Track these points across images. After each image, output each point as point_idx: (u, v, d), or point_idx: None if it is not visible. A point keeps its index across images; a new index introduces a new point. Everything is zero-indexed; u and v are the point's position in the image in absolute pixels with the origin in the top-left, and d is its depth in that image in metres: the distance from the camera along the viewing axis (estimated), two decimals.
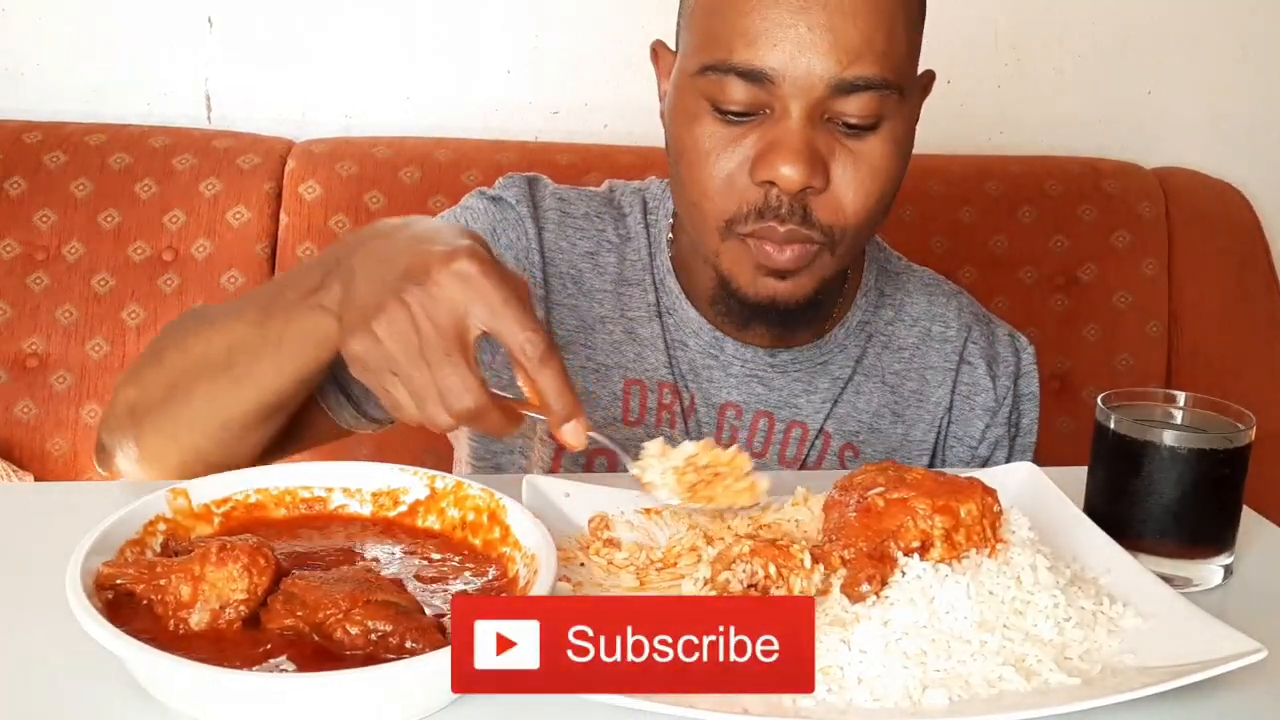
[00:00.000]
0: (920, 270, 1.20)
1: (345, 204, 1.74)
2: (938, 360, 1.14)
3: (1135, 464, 0.82)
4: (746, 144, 0.93)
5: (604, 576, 0.76)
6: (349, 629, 0.62)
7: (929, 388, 1.13)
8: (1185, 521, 0.82)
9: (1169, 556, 0.81)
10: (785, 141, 0.91)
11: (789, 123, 0.92)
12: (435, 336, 0.71)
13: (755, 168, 0.93)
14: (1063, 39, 2.03)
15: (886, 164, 0.95)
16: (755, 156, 0.93)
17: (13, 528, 0.81)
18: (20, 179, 1.71)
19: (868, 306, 1.12)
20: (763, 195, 0.93)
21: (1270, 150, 2.10)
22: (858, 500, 0.74)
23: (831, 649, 0.66)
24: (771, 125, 0.92)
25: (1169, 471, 0.81)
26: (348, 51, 1.91)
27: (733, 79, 0.92)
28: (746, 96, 0.92)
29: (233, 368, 0.87)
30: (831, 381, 1.10)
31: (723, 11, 0.92)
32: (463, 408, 0.72)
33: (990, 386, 1.14)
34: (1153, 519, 0.82)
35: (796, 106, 0.91)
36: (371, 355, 0.73)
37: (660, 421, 1.07)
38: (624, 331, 1.08)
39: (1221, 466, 0.81)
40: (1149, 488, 0.82)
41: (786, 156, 0.91)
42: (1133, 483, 0.82)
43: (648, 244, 1.11)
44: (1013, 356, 1.16)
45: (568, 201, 1.12)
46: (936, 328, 1.15)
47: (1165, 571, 0.78)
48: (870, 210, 0.96)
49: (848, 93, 0.91)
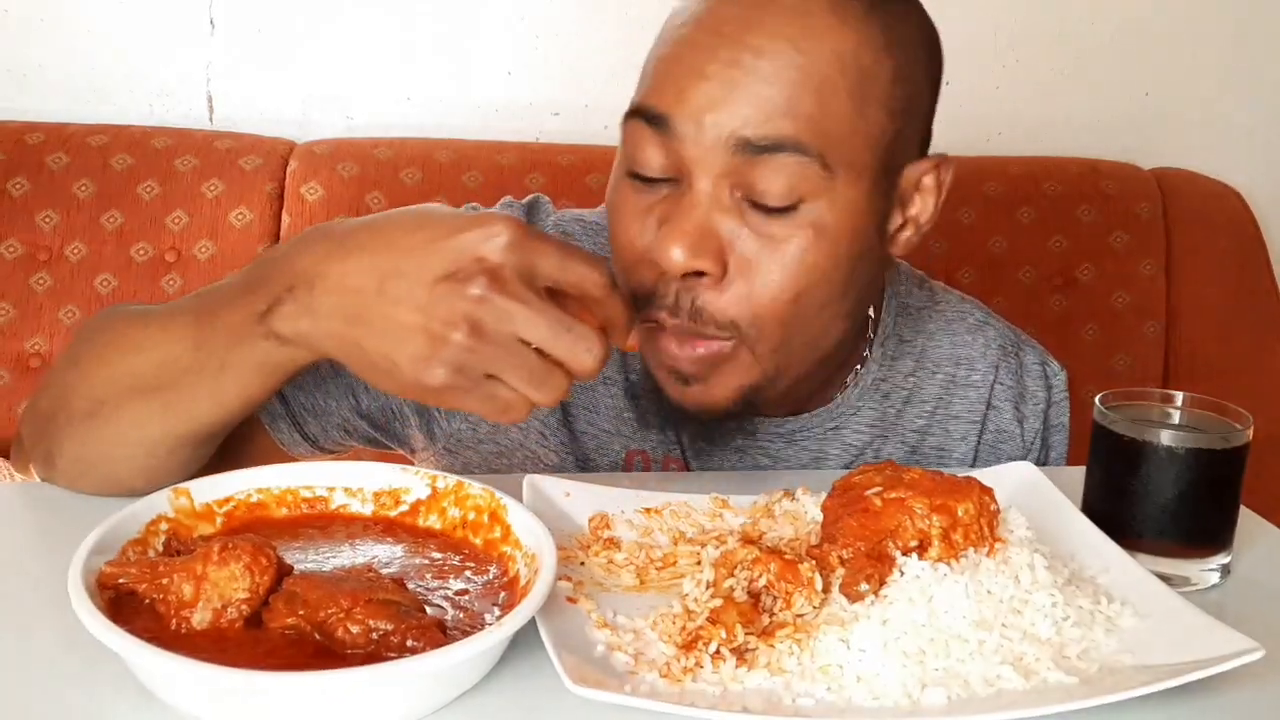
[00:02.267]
0: (945, 300, 1.08)
1: (347, 204, 1.74)
2: (962, 409, 1.04)
3: (1133, 464, 0.82)
4: (654, 217, 0.83)
5: (604, 576, 0.76)
6: (350, 628, 0.63)
7: (952, 441, 1.03)
8: (1183, 521, 0.82)
9: (1167, 556, 0.81)
10: (677, 216, 0.80)
11: (690, 195, 0.81)
12: (529, 312, 0.66)
13: (653, 245, 0.82)
14: (1062, 39, 2.03)
15: (803, 253, 0.81)
16: (654, 234, 0.82)
17: (14, 527, 0.81)
18: (23, 180, 1.72)
19: (884, 359, 1.01)
20: (657, 278, 0.82)
21: (1268, 151, 2.10)
22: (855, 500, 0.74)
23: (830, 648, 0.66)
24: (676, 199, 0.82)
25: (1167, 471, 0.81)
26: (349, 52, 1.91)
27: (641, 128, 0.82)
28: (657, 157, 0.82)
29: (163, 390, 0.77)
30: (844, 449, 0.99)
31: (651, 56, 0.85)
32: (597, 353, 0.67)
33: (1018, 432, 1.05)
34: (1150, 519, 0.82)
35: (701, 174, 0.80)
36: (463, 374, 0.67)
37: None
38: (628, 394, 0.96)
39: (1219, 466, 0.81)
40: (1147, 487, 0.82)
41: (671, 236, 0.80)
42: (1130, 482, 0.82)
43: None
44: (1043, 390, 1.06)
45: (572, 237, 1.00)
46: (961, 372, 1.04)
47: (1163, 571, 0.79)
48: (786, 304, 0.82)
49: (756, 155, 0.79)
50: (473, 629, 0.65)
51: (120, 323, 0.82)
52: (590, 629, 0.69)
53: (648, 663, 0.66)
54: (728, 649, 0.66)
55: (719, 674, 0.65)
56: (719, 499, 0.86)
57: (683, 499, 0.86)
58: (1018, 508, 0.78)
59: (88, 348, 0.82)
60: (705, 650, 0.66)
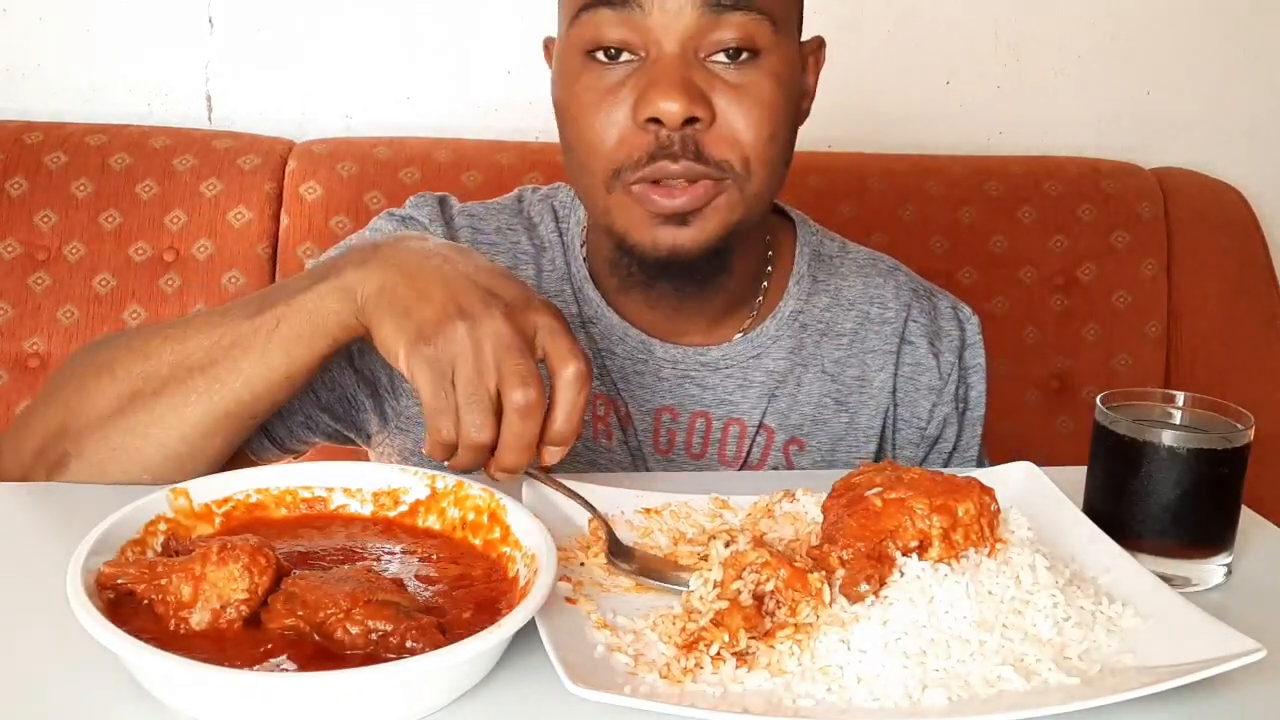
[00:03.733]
0: (856, 251, 1.17)
1: (346, 204, 1.74)
2: (878, 343, 1.11)
3: (1135, 464, 0.82)
4: (626, 90, 0.92)
5: (604, 576, 0.76)
6: (349, 629, 0.62)
7: (871, 372, 1.10)
8: (1184, 521, 0.82)
9: (1168, 556, 0.81)
10: (661, 76, 0.90)
11: (664, 60, 0.91)
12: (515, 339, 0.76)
13: (637, 109, 0.91)
14: (1063, 39, 2.03)
15: (770, 98, 0.93)
16: (636, 99, 0.91)
17: (13, 528, 0.81)
18: (21, 179, 1.71)
19: (800, 294, 1.10)
20: (652, 138, 0.92)
21: (1269, 150, 2.10)
22: (856, 500, 0.74)
23: (831, 649, 0.66)
24: (648, 67, 0.92)
25: (1168, 471, 0.81)
26: (348, 51, 1.91)
27: (602, 11, 0.91)
28: (619, 34, 0.91)
29: (208, 368, 0.84)
30: (766, 375, 1.07)
31: None
32: (529, 396, 0.75)
33: (934, 365, 1.12)
34: (1152, 519, 0.82)
35: (669, 40, 0.91)
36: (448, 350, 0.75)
37: (597, 435, 1.05)
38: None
39: (1220, 466, 0.81)
40: (1148, 488, 0.82)
41: (664, 90, 0.90)
42: (1132, 483, 0.82)
43: (563, 252, 1.08)
44: (956, 330, 1.14)
45: (478, 218, 1.09)
46: (875, 309, 1.12)
47: (1164, 571, 0.79)
48: (765, 144, 0.94)
49: (718, 15, 0.90)
50: (473, 629, 0.65)
51: (148, 330, 0.89)
52: (590, 629, 0.69)
53: (648, 663, 0.66)
54: (729, 652, 0.66)
55: (719, 675, 0.65)
56: (719, 499, 0.86)
57: (683, 499, 0.86)
58: (1019, 508, 0.78)
59: (114, 356, 0.87)
60: (706, 651, 0.66)
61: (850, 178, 1.85)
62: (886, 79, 1.97)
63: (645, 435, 1.06)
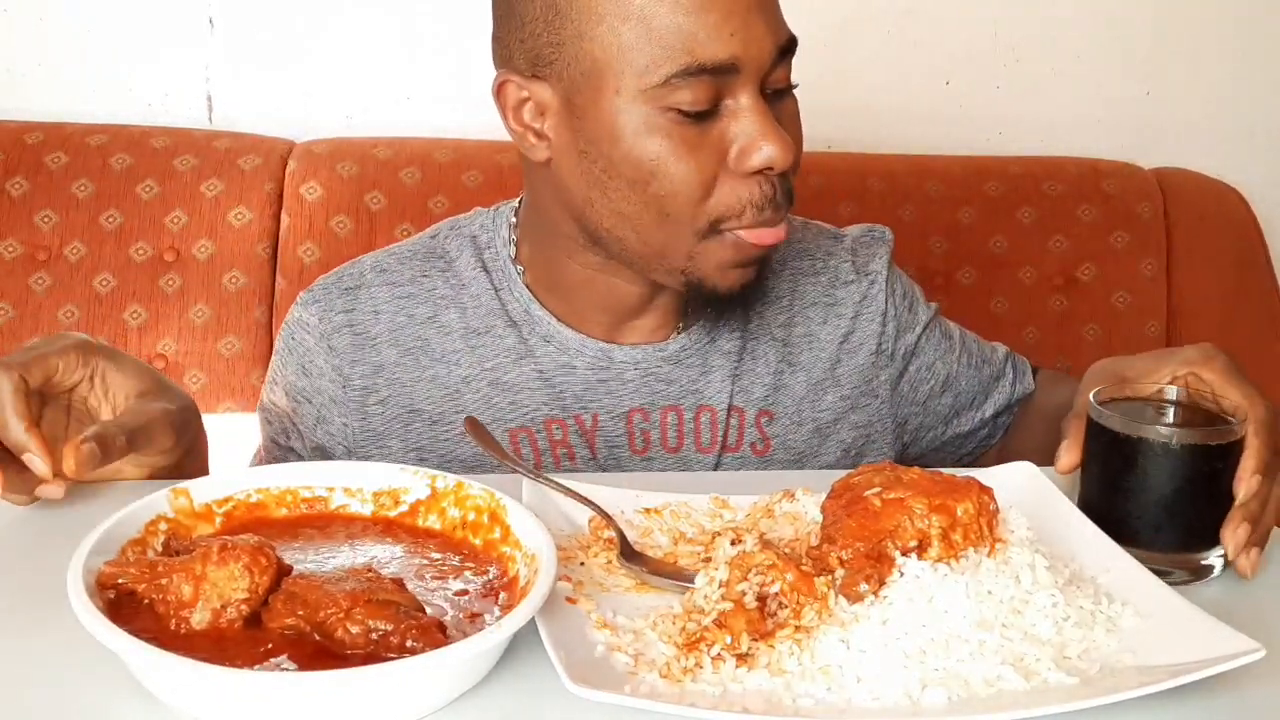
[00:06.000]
0: None
1: (346, 204, 1.74)
2: (813, 294, 1.14)
3: (1129, 460, 0.82)
4: (714, 141, 0.92)
5: (604, 576, 0.76)
6: (350, 628, 0.63)
7: (814, 325, 1.13)
8: (1178, 517, 0.82)
9: (1162, 551, 0.82)
10: (764, 125, 0.91)
11: (753, 105, 0.92)
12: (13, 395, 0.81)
13: (742, 159, 0.92)
14: (1062, 39, 2.03)
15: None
16: (741, 148, 0.92)
17: (14, 527, 0.81)
18: (22, 179, 1.72)
19: None
20: (757, 185, 0.93)
21: (1269, 150, 2.10)
22: (855, 500, 0.74)
23: (831, 648, 0.66)
24: (734, 115, 0.92)
25: (1162, 467, 0.81)
26: (348, 52, 1.91)
27: (701, 79, 0.90)
28: (709, 93, 0.91)
29: None
30: (724, 357, 1.08)
31: (665, 19, 0.89)
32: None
33: (865, 290, 1.14)
34: (1146, 515, 0.82)
35: (753, 88, 0.92)
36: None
37: (559, 460, 1.05)
38: (489, 384, 1.05)
39: (1214, 461, 0.81)
40: (1142, 484, 0.82)
41: (773, 139, 0.91)
42: (1125, 479, 0.82)
43: (490, 285, 1.07)
44: (868, 247, 1.17)
45: (389, 272, 1.09)
46: (805, 263, 1.15)
47: (1159, 566, 0.79)
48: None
49: (782, 58, 0.93)
50: (473, 629, 0.65)
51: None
52: (590, 629, 0.69)
53: (648, 663, 0.66)
54: (730, 653, 0.66)
55: (719, 674, 0.65)
56: (719, 499, 0.86)
57: (683, 499, 0.86)
58: (1018, 508, 0.78)
59: None
60: (706, 651, 0.66)
61: (850, 178, 1.85)
62: (886, 79, 1.97)
63: (619, 440, 1.06)
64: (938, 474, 0.76)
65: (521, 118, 0.98)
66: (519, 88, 0.96)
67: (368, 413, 1.05)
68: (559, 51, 0.93)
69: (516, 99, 0.97)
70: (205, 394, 1.71)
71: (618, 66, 0.91)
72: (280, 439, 1.10)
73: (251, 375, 1.72)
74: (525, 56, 0.95)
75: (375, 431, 1.05)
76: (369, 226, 1.73)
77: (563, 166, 0.97)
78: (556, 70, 0.93)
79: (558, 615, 0.68)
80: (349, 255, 1.16)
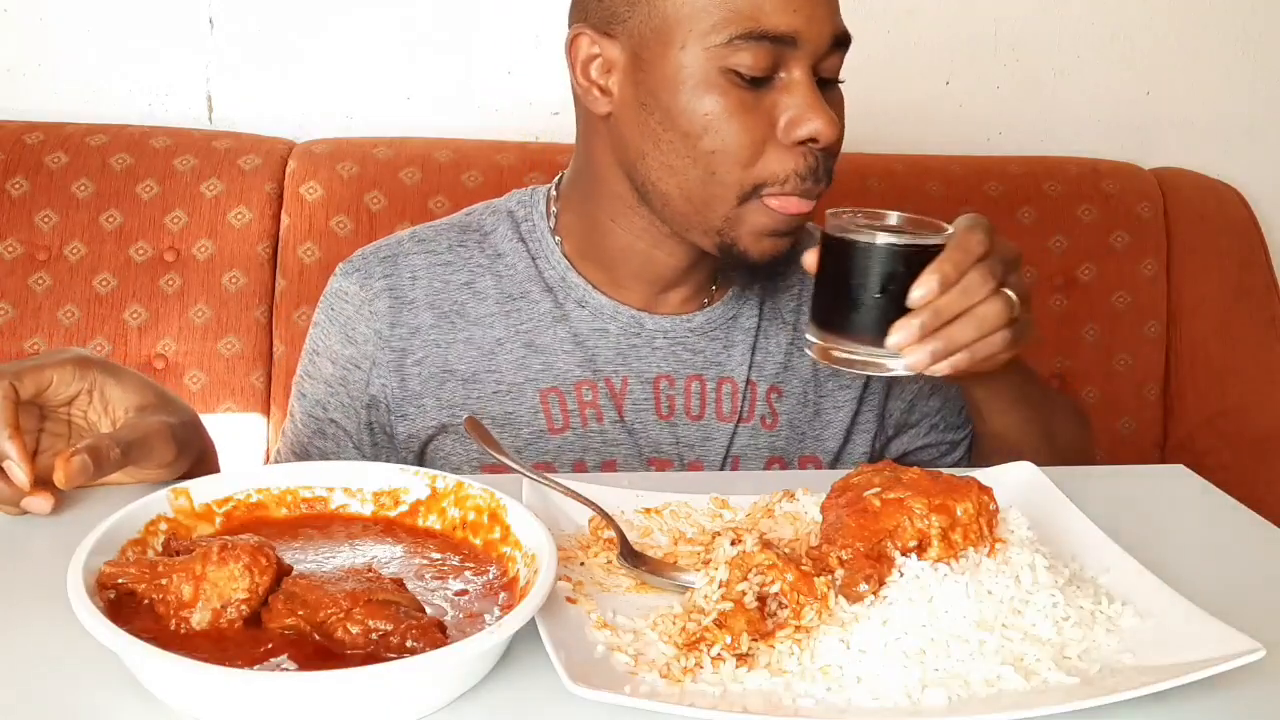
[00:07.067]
0: None
1: (346, 204, 1.74)
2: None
3: (839, 260, 0.90)
4: (766, 108, 0.98)
5: (604, 576, 0.76)
6: (350, 628, 0.63)
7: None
8: (871, 311, 0.88)
9: (856, 341, 0.89)
10: (813, 99, 0.98)
11: (805, 81, 0.98)
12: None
13: (792, 128, 0.98)
14: (1062, 39, 2.03)
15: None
16: (790, 118, 0.98)
17: (14, 527, 0.81)
18: (22, 179, 1.71)
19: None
20: (802, 156, 0.99)
21: (1269, 151, 2.10)
22: (854, 500, 0.74)
23: (831, 648, 0.66)
24: (787, 87, 0.98)
25: (860, 267, 0.88)
26: (348, 52, 1.91)
27: (762, 45, 0.96)
28: (768, 61, 0.97)
29: None
30: (744, 333, 1.15)
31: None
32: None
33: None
34: (843, 307, 0.89)
35: (807, 65, 0.98)
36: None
37: (586, 420, 1.10)
38: (524, 345, 1.11)
39: (908, 264, 0.87)
40: (844, 279, 0.89)
41: (821, 114, 0.97)
42: (837, 281, 0.90)
43: (527, 254, 1.14)
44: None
45: (429, 241, 1.15)
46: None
47: (860, 358, 0.89)
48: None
49: (835, 49, 0.99)
50: (473, 629, 0.65)
51: None
52: (590, 629, 0.69)
53: (648, 663, 0.66)
54: (730, 653, 0.66)
55: (719, 674, 0.65)
56: (719, 499, 0.86)
57: (683, 499, 0.86)
58: (1019, 508, 0.78)
59: None
60: (706, 651, 0.66)
61: (850, 178, 1.84)
62: (886, 79, 1.97)
63: (646, 404, 1.12)
64: (938, 474, 0.76)
65: (589, 73, 1.04)
66: (591, 42, 1.03)
67: (405, 374, 1.11)
68: (633, 10, 1.00)
69: (587, 54, 1.04)
70: (205, 394, 1.71)
71: (687, 24, 0.98)
72: (317, 412, 1.14)
73: (251, 375, 1.72)
74: (600, 13, 1.02)
75: (413, 391, 1.11)
76: (369, 226, 1.73)
77: (622, 119, 1.03)
78: (629, 28, 1.01)
79: (558, 615, 0.68)
80: (349, 255, 1.17)
